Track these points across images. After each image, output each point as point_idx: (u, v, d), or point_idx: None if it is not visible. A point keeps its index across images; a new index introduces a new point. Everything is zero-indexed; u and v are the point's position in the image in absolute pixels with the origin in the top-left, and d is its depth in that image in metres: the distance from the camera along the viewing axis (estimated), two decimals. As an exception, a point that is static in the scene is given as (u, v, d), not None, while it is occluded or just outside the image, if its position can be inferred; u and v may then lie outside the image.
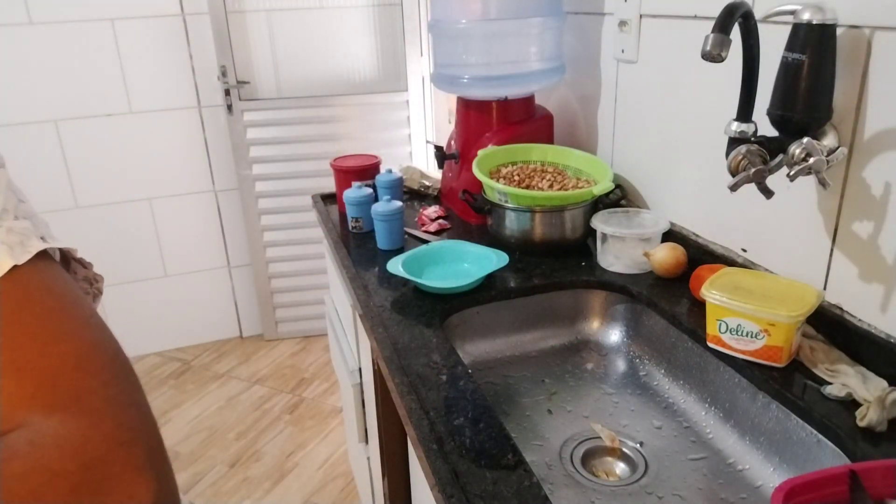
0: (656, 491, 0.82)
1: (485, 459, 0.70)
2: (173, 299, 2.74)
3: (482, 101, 1.37)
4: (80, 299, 0.43)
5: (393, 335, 0.95)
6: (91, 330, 0.41)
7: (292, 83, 2.52)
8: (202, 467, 2.11)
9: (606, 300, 1.12)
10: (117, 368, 0.41)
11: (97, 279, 0.49)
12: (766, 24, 0.85)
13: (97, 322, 0.42)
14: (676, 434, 0.92)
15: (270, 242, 2.67)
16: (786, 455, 0.81)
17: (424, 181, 1.56)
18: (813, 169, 0.77)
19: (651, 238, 1.10)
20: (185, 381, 2.59)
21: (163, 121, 2.51)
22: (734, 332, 0.85)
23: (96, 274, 0.49)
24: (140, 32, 2.38)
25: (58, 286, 0.42)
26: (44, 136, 2.39)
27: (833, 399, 0.77)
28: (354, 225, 1.34)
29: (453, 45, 1.33)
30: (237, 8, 2.39)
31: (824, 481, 0.59)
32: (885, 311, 0.79)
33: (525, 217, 1.19)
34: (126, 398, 0.40)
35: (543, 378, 1.05)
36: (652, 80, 1.17)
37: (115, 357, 0.42)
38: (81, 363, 0.39)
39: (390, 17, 2.50)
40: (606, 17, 1.27)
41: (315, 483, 2.03)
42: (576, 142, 1.44)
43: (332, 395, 2.45)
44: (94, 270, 0.49)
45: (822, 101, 0.78)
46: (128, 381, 0.41)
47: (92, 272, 0.49)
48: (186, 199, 2.64)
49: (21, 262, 0.40)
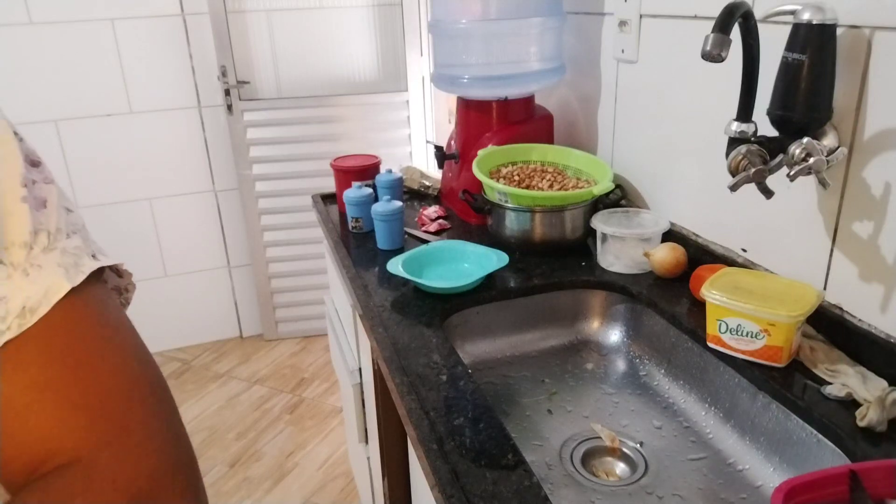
0: (656, 491, 0.82)
1: (485, 459, 0.70)
2: (173, 299, 2.74)
3: (482, 101, 1.37)
4: (124, 325, 0.43)
5: (393, 335, 0.95)
6: (136, 360, 0.42)
7: (292, 83, 2.52)
8: (202, 467, 2.10)
9: (606, 300, 1.12)
10: (159, 398, 0.42)
11: (128, 289, 0.49)
12: (766, 24, 0.85)
13: (141, 351, 0.43)
14: (676, 434, 0.92)
15: (270, 242, 2.67)
16: (786, 455, 0.81)
17: (424, 181, 1.56)
18: (813, 169, 0.77)
19: (651, 238, 1.10)
20: (185, 381, 2.59)
21: (163, 121, 2.51)
22: (734, 332, 0.85)
23: (129, 283, 0.49)
24: (140, 32, 2.38)
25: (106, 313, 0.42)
26: (44, 136, 2.39)
27: (833, 399, 0.77)
28: (354, 225, 1.34)
29: (453, 45, 1.33)
30: (237, 8, 2.39)
31: (824, 481, 0.59)
32: (885, 311, 0.79)
33: (525, 217, 1.19)
34: (168, 429, 0.42)
35: (543, 378, 1.05)
36: (652, 80, 1.17)
37: (156, 387, 0.43)
38: (129, 396, 0.40)
39: (390, 17, 2.50)
40: (606, 17, 1.27)
41: (315, 483, 2.03)
42: (576, 142, 1.44)
43: (332, 395, 2.45)
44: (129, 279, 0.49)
45: (822, 101, 0.78)
46: (169, 411, 0.43)
47: (125, 282, 0.48)
48: (186, 199, 2.64)
49: (76, 283, 0.40)
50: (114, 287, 0.48)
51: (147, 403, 0.41)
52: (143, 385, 0.41)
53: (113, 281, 0.48)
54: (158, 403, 0.42)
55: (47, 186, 0.41)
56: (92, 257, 0.42)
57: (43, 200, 0.40)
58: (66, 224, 0.42)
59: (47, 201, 0.41)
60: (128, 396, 0.40)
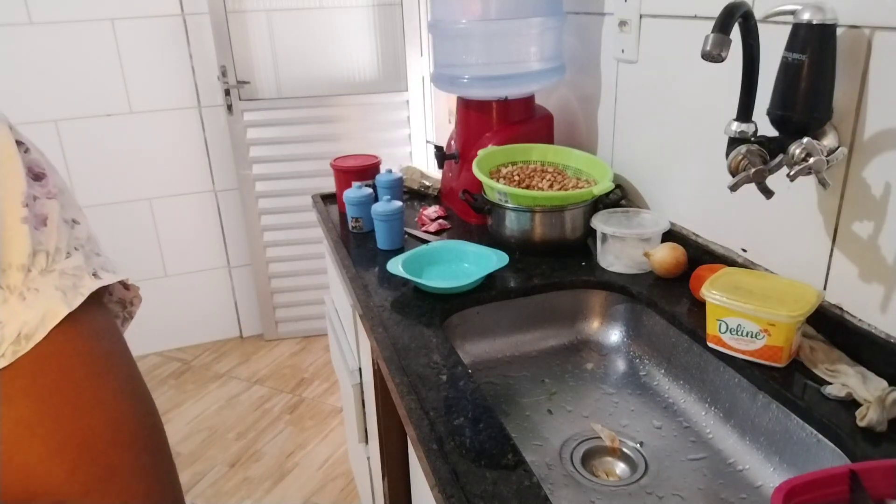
0: (656, 491, 0.82)
1: (485, 459, 0.70)
2: (173, 299, 2.74)
3: (482, 101, 1.37)
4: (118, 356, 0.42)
5: (393, 335, 0.95)
6: (127, 397, 0.41)
7: (292, 83, 2.52)
8: (202, 467, 2.11)
9: (606, 300, 1.12)
10: (148, 438, 0.42)
11: (132, 302, 0.47)
12: (766, 24, 0.85)
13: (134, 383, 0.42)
14: (676, 434, 0.92)
15: (270, 242, 2.67)
16: (786, 455, 0.81)
17: (424, 181, 1.56)
18: (813, 169, 0.77)
19: (651, 238, 1.10)
20: (185, 381, 2.59)
21: (163, 121, 2.51)
22: (734, 332, 0.85)
23: (134, 297, 0.47)
24: (140, 32, 2.38)
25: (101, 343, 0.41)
26: (44, 136, 2.39)
27: (833, 399, 0.77)
28: (354, 225, 1.34)
29: (453, 45, 1.33)
30: (237, 8, 2.39)
31: (824, 481, 0.59)
32: (885, 311, 0.79)
33: (525, 217, 1.19)
34: (155, 471, 0.41)
35: (543, 378, 1.05)
36: (652, 80, 1.17)
37: (146, 425, 0.42)
38: (116, 437, 0.40)
39: (390, 17, 2.50)
40: (606, 17, 1.27)
41: (315, 483, 2.03)
42: (576, 142, 1.44)
43: (332, 395, 2.45)
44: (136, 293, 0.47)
45: (822, 101, 0.78)
46: (157, 451, 0.42)
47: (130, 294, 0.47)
48: (186, 199, 2.64)
49: (74, 306, 0.38)
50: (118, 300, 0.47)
51: (135, 445, 0.40)
52: (131, 424, 0.41)
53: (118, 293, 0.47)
54: (147, 443, 0.41)
55: (49, 202, 0.40)
56: (93, 276, 0.41)
57: (43, 218, 0.39)
58: (69, 240, 0.40)
59: (48, 219, 0.39)
60: (114, 437, 0.39)
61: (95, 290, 0.40)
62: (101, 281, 0.41)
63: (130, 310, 0.48)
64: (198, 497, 2.00)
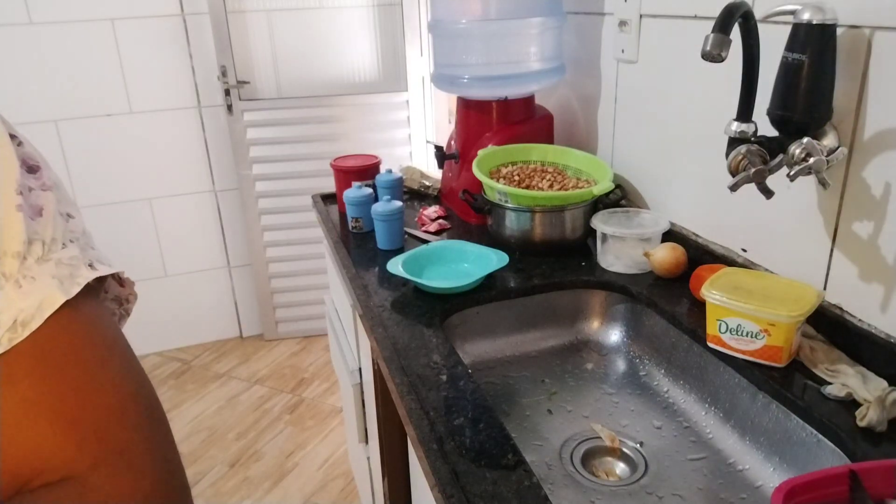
0: (656, 491, 0.82)
1: (485, 459, 0.70)
2: (173, 299, 2.74)
3: (482, 101, 1.37)
4: (119, 343, 0.42)
5: (393, 335, 0.95)
6: (130, 379, 0.41)
7: (292, 83, 2.52)
8: (202, 467, 2.11)
9: (606, 300, 1.12)
10: (153, 419, 0.42)
11: (128, 299, 0.47)
12: (766, 24, 0.85)
13: (135, 370, 0.42)
14: (676, 434, 0.92)
15: (270, 242, 2.67)
16: (786, 455, 0.81)
17: (424, 181, 1.56)
18: (813, 169, 0.77)
19: (651, 238, 1.10)
20: (185, 381, 2.59)
21: (163, 121, 2.51)
22: (734, 332, 0.85)
23: (130, 293, 0.47)
24: (140, 32, 2.38)
25: (100, 330, 0.41)
26: (44, 136, 2.39)
27: (833, 399, 0.77)
28: (354, 225, 1.34)
29: (453, 45, 1.33)
30: (237, 8, 2.39)
31: (824, 481, 0.59)
32: (885, 311, 0.79)
33: (525, 217, 1.19)
34: (161, 451, 0.41)
35: (543, 378, 1.05)
36: (652, 80, 1.17)
37: (150, 407, 0.42)
38: (123, 416, 0.40)
39: (390, 17, 2.50)
40: (606, 17, 1.27)
41: (315, 483, 2.03)
42: (576, 142, 1.44)
43: (332, 395, 2.45)
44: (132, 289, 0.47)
45: (822, 101, 0.78)
46: (161, 432, 0.42)
47: (126, 292, 0.47)
48: (186, 199, 2.64)
49: (71, 295, 0.39)
50: (114, 297, 0.47)
51: (141, 425, 0.41)
52: (137, 406, 0.41)
53: (114, 290, 0.47)
54: (152, 426, 0.41)
55: (44, 194, 0.40)
56: (89, 266, 0.41)
57: (39, 209, 0.39)
58: (64, 232, 0.41)
59: (43, 209, 0.40)
60: (121, 417, 0.40)
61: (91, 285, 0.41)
62: (98, 272, 0.41)
63: (127, 307, 0.48)
64: (198, 497, 2.00)
